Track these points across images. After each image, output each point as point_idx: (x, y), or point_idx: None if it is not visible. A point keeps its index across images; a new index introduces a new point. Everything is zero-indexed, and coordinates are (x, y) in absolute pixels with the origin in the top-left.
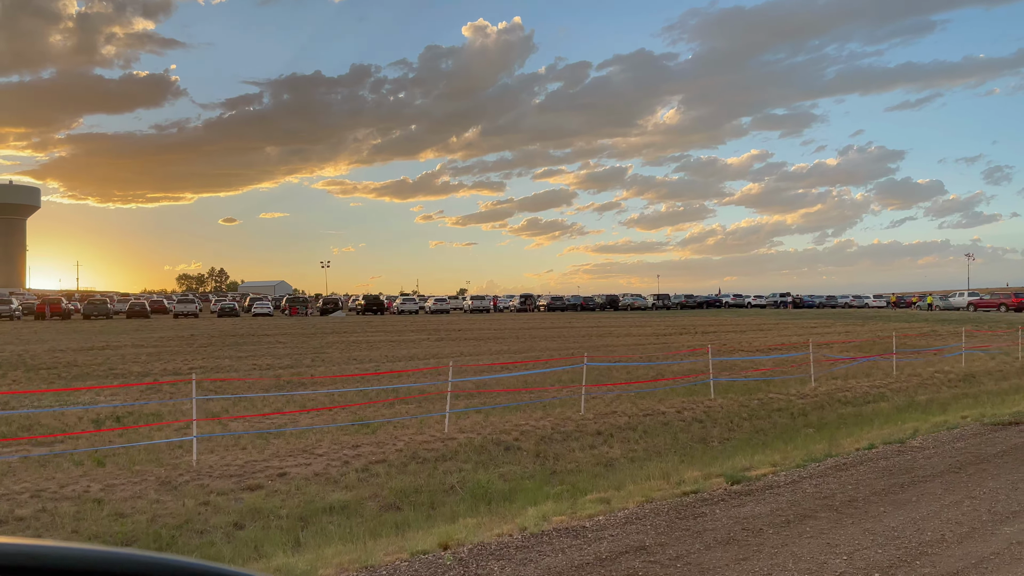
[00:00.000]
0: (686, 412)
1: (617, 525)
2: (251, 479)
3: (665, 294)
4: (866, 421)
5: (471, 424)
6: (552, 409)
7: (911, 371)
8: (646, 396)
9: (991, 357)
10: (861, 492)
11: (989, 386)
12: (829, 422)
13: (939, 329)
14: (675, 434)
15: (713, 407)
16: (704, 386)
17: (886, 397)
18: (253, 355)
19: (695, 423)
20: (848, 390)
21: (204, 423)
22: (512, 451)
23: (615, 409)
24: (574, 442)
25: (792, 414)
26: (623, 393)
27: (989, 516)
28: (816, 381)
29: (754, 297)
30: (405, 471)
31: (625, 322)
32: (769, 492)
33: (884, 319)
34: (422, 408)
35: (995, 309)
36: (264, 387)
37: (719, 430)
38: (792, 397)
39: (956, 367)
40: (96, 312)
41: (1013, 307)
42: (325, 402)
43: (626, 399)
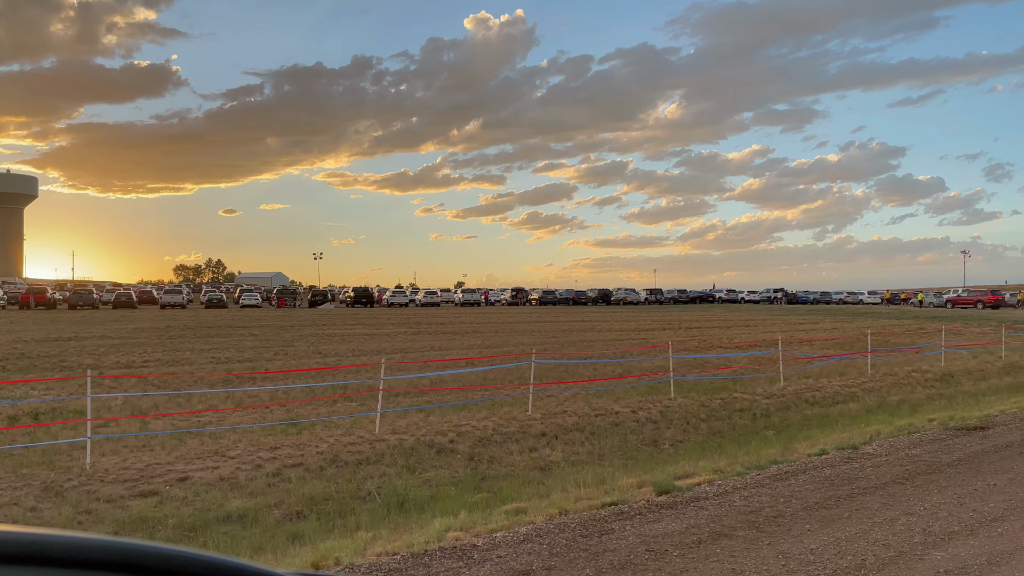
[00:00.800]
0: (641, 412)
1: (513, 543)
2: (147, 484)
3: (658, 289)
4: (830, 423)
5: (408, 424)
6: (499, 408)
7: (887, 370)
8: (604, 395)
9: (973, 356)
10: (792, 506)
11: (966, 386)
12: (792, 424)
13: (927, 326)
14: (625, 436)
15: (671, 407)
16: (667, 384)
17: (857, 398)
18: (220, 347)
19: (649, 424)
20: (818, 390)
21: (124, 421)
22: (445, 454)
23: (566, 409)
24: (514, 444)
25: (754, 415)
26: (582, 391)
27: (923, 537)
28: (786, 380)
29: (748, 292)
30: (321, 476)
31: (613, 316)
32: (693, 505)
33: (875, 316)
34: (365, 406)
35: (972, 306)
36: (210, 382)
37: (673, 432)
38: (758, 397)
39: (935, 366)
40: (81, 302)
41: (989, 304)
42: (265, 399)
43: (581, 398)
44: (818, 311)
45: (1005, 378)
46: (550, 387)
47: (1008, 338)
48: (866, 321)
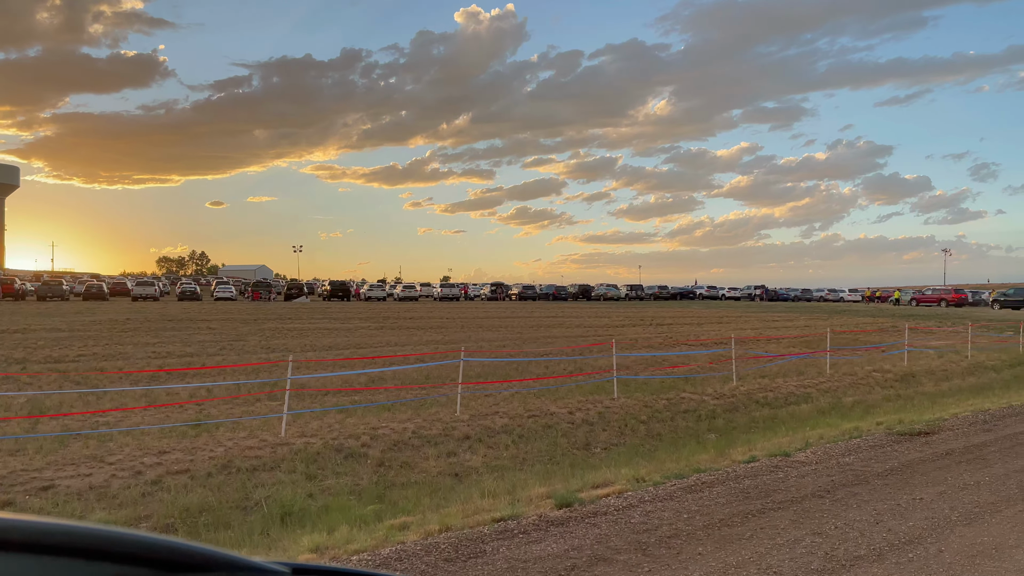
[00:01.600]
0: (579, 414)
1: (368, 567)
2: (3, 493)
3: (639, 285)
4: (776, 426)
5: (322, 427)
6: (427, 409)
7: (847, 370)
8: (546, 394)
9: (939, 355)
10: (693, 524)
11: (927, 387)
12: (737, 426)
13: (900, 324)
14: (555, 439)
15: (612, 408)
16: (608, 384)
17: (811, 398)
18: (167, 342)
19: (584, 426)
20: (772, 390)
21: (16, 422)
22: (353, 459)
23: (499, 409)
24: (432, 448)
25: (699, 416)
26: (523, 391)
27: (821, 563)
28: (741, 380)
29: (728, 289)
30: (207, 484)
31: (587, 312)
32: (587, 522)
33: (852, 313)
34: (290, 406)
35: (936, 304)
36: (135, 379)
37: (609, 435)
38: (707, 397)
39: (898, 366)
40: (51, 294)
41: (953, 303)
42: (184, 397)
43: (520, 398)
44: (796, 308)
45: (968, 378)
46: (490, 386)
47: (977, 337)
48: (840, 319)
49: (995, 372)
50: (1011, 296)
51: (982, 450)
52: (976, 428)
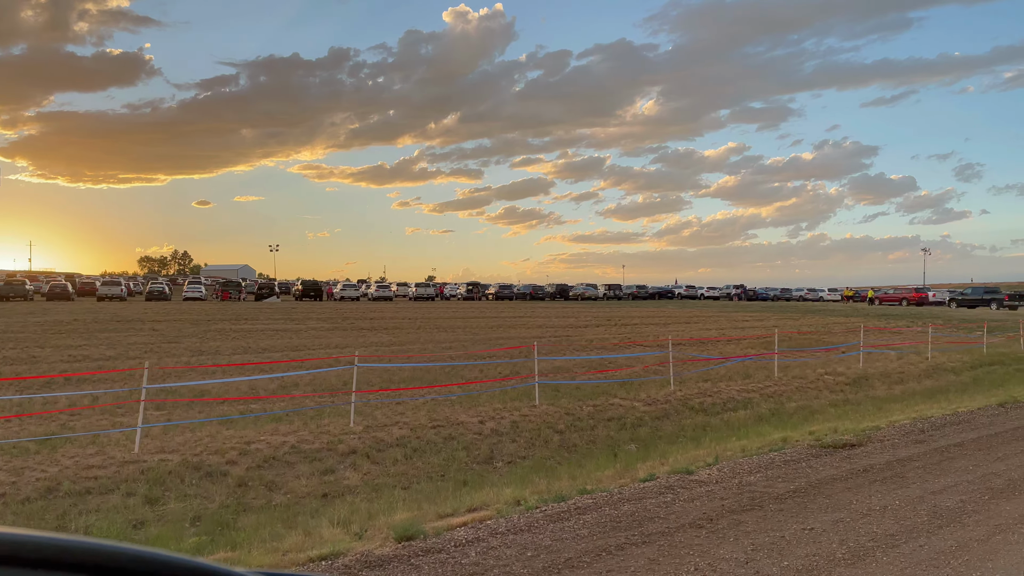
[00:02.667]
0: (490, 423)
1: None
2: None
3: (617, 284)
4: (704, 435)
5: (188, 441)
6: (319, 420)
7: (798, 373)
8: (463, 402)
9: (899, 356)
10: (533, 566)
11: (879, 391)
12: (663, 435)
13: (868, 324)
14: (454, 453)
15: (529, 416)
16: (544, 389)
17: (751, 404)
18: (96, 344)
19: (492, 437)
20: (712, 395)
21: None
22: (211, 478)
23: (400, 420)
24: (307, 465)
25: (624, 425)
26: (439, 398)
27: None
28: (682, 384)
29: (707, 289)
30: (19, 511)
31: (558, 312)
32: (410, 563)
33: (826, 313)
34: (172, 415)
35: (898, 303)
36: (23, 386)
37: (517, 446)
38: (638, 403)
39: (852, 368)
40: (12, 293)
41: (913, 302)
42: (64, 405)
43: (430, 406)
44: (772, 308)
45: (924, 381)
46: (405, 392)
47: (943, 337)
48: (812, 319)
49: (954, 375)
50: (968, 295)
51: (904, 466)
52: (909, 439)
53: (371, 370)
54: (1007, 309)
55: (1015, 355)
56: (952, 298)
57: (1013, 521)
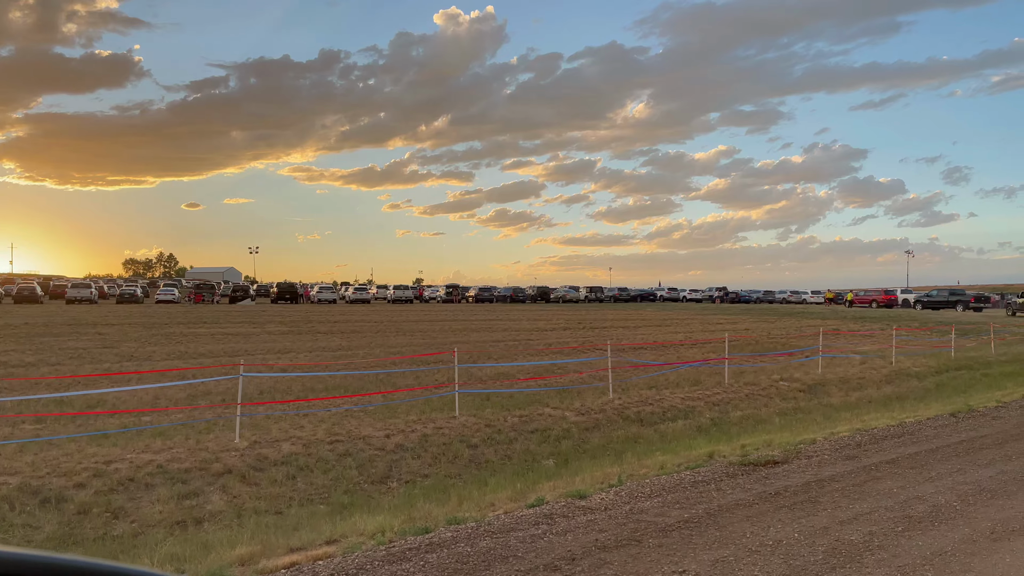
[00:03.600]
0: (397, 437)
1: None
2: None
3: (599, 287)
4: (630, 449)
5: (39, 460)
6: (205, 434)
7: (751, 379)
8: (378, 412)
9: (863, 361)
10: None
11: (834, 398)
12: (589, 448)
13: (842, 326)
14: (345, 471)
15: (444, 429)
16: (463, 398)
17: (694, 413)
18: (24, 350)
19: (395, 453)
20: (653, 403)
21: None
22: (49, 505)
23: (295, 434)
24: (171, 487)
25: (549, 438)
26: (353, 409)
27: None
28: (622, 392)
29: (689, 291)
30: None
31: (530, 315)
32: None
33: (805, 315)
34: (48, 429)
35: (868, 305)
36: None
37: (421, 463)
38: (570, 413)
39: (811, 374)
40: None
41: (883, 303)
42: None
43: (336, 418)
44: (752, 310)
45: (884, 388)
46: (318, 403)
47: (911, 341)
48: (789, 320)
49: (917, 380)
50: (933, 297)
51: (822, 488)
52: (841, 455)
53: (292, 379)
54: (972, 311)
55: (983, 360)
56: (917, 300)
57: (920, 561)
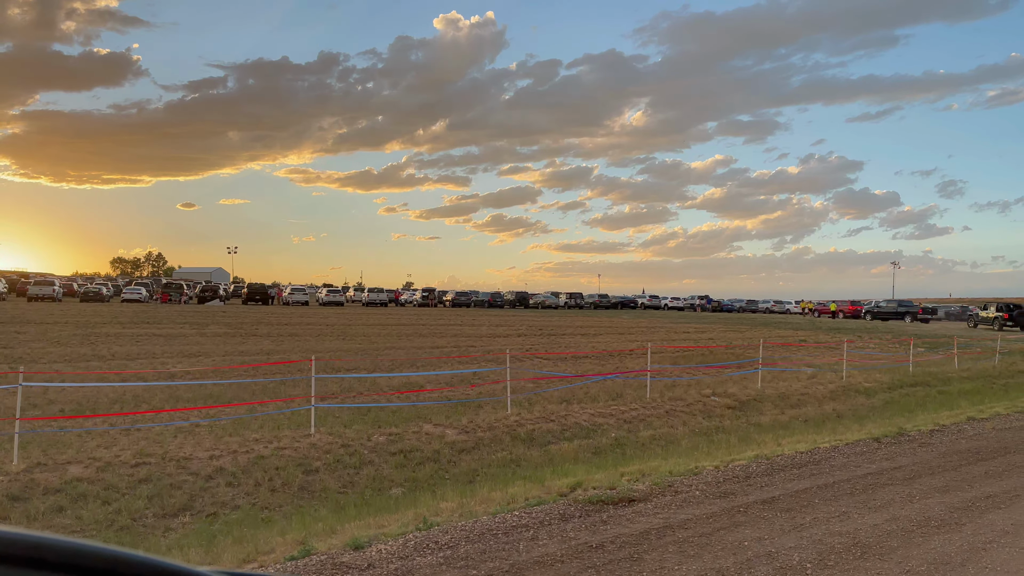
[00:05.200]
0: (225, 458)
1: None
2: None
3: (578, 293)
4: (503, 474)
5: None
6: None
7: (680, 393)
8: (224, 427)
9: (810, 375)
10: None
11: (767, 416)
12: (456, 475)
13: (810, 337)
14: (132, 502)
15: (288, 449)
16: (335, 413)
17: (598, 431)
18: None
19: (212, 478)
20: (556, 419)
21: None
22: None
23: (97, 454)
24: None
25: (412, 461)
26: (201, 423)
27: None
28: (527, 406)
29: (671, 299)
30: None
31: (499, 321)
32: None
33: (777, 325)
34: None
35: (833, 316)
36: None
37: (237, 492)
38: (452, 431)
39: (750, 388)
40: None
41: (849, 314)
42: None
43: (167, 434)
44: (729, 319)
45: (825, 405)
46: (163, 415)
47: (871, 356)
48: (761, 330)
49: (865, 397)
50: (882, 308)
51: (661, 538)
52: (716, 491)
53: (144, 389)
54: (919, 322)
55: (944, 375)
56: (868, 310)
57: None
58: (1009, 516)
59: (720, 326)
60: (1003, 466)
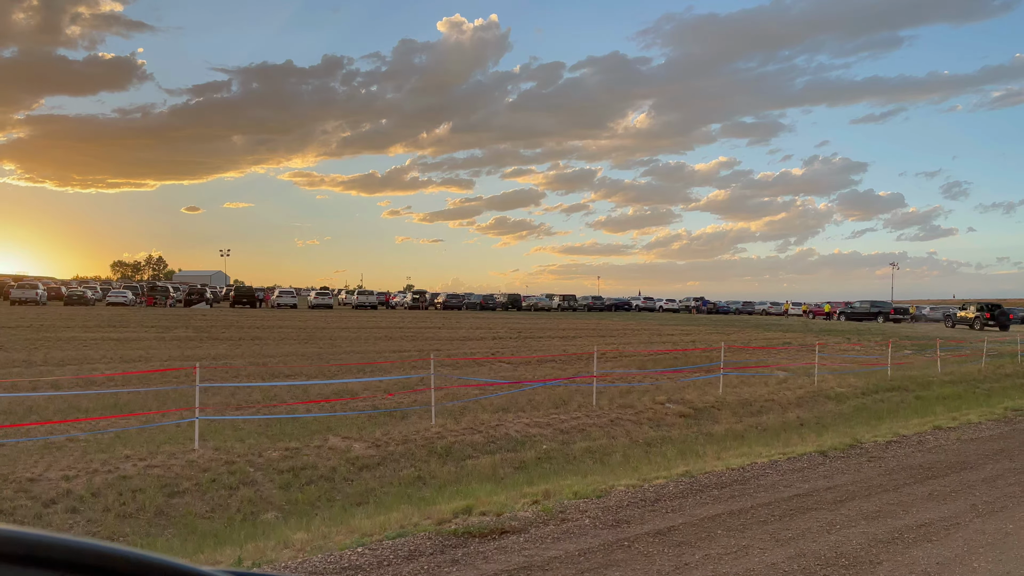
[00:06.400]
0: (81, 478)
1: None
2: None
3: (572, 295)
4: (406, 493)
5: None
6: None
7: (633, 399)
8: (99, 442)
9: (781, 380)
10: None
11: (722, 425)
12: (349, 495)
13: (797, 339)
14: None
15: (157, 468)
16: (221, 426)
17: (529, 443)
18: None
19: (54, 503)
20: (483, 430)
21: None
22: None
23: None
24: None
25: (303, 480)
26: (82, 435)
27: None
28: (453, 416)
29: (666, 301)
30: None
31: (482, 324)
32: None
33: (768, 327)
34: None
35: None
36: None
37: (75, 520)
38: (361, 444)
39: (710, 393)
40: None
41: (821, 315)
42: None
43: (33, 450)
44: (719, 321)
45: (789, 412)
46: (45, 426)
47: (852, 359)
48: (750, 332)
49: (835, 403)
50: (856, 309)
51: None
52: (610, 519)
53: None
54: (892, 323)
55: (924, 379)
56: (841, 311)
57: None
58: (937, 552)
59: (708, 328)
60: (952, 486)
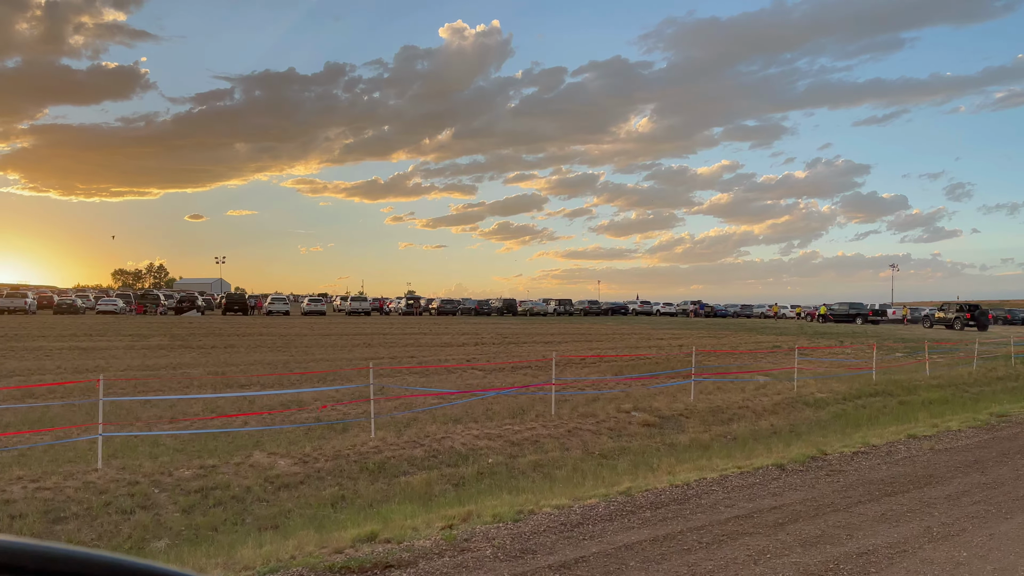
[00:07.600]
0: None
1: None
2: None
3: (567, 300)
4: (322, 515)
5: None
6: None
7: (597, 408)
8: (2, 459)
9: (759, 386)
10: None
11: (688, 435)
12: (262, 517)
13: (788, 343)
14: None
15: (48, 490)
16: (139, 443)
17: (473, 457)
18: None
19: None
20: (425, 443)
21: None
22: None
23: None
24: None
25: (213, 501)
26: None
27: None
28: (396, 428)
29: (663, 305)
30: None
31: (470, 329)
32: None
33: (762, 331)
34: None
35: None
36: None
37: None
38: (286, 460)
39: (681, 400)
40: None
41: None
42: None
43: None
44: (715, 325)
45: (762, 420)
46: None
47: (842, 363)
48: (739, 336)
49: (813, 409)
50: (835, 310)
51: None
52: (511, 548)
53: None
54: (870, 324)
55: (911, 383)
56: (820, 314)
57: None
58: None
59: (701, 332)
60: (910, 504)
